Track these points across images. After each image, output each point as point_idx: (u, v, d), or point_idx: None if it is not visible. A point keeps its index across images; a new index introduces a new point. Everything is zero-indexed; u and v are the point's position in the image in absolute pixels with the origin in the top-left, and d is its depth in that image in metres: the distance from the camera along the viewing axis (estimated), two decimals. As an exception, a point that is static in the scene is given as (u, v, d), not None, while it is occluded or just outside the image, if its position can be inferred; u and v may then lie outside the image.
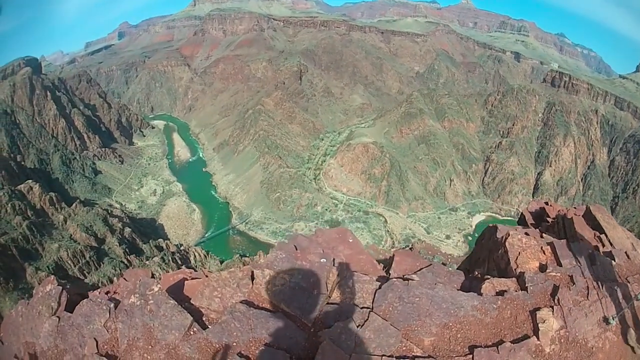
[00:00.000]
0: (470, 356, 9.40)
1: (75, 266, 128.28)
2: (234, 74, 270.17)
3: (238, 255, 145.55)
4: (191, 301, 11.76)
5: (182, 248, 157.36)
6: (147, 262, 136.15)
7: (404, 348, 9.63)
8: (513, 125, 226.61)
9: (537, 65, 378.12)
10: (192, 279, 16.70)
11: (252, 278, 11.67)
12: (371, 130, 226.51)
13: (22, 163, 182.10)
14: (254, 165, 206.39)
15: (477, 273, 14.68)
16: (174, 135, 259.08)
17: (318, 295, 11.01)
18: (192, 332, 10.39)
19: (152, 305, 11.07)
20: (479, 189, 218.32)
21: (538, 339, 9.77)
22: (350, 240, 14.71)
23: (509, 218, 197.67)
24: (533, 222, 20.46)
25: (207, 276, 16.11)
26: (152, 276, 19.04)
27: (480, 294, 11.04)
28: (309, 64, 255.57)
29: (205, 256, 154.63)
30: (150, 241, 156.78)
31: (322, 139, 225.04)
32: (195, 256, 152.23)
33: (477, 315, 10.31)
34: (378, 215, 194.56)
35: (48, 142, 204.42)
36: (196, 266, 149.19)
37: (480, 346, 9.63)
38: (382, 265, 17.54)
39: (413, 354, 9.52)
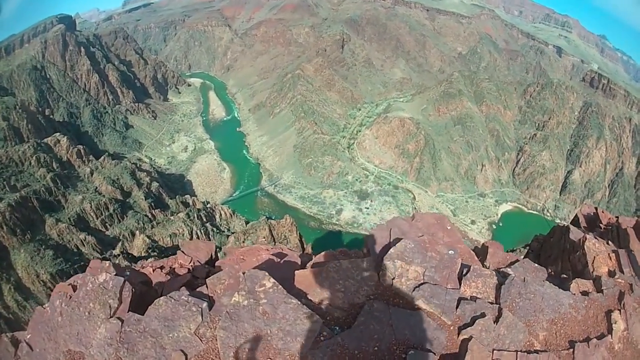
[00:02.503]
0: (572, 350, 9.84)
1: (97, 218, 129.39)
2: (275, 38, 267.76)
3: (264, 217, 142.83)
4: (308, 296, 10.00)
5: (208, 206, 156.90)
6: (171, 217, 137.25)
7: (528, 343, 9.81)
8: (549, 119, 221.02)
9: (578, 63, 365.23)
10: (278, 255, 15.15)
11: (378, 269, 10.39)
12: (409, 105, 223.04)
13: (51, 116, 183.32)
14: (288, 129, 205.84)
15: (550, 271, 14.99)
16: (210, 94, 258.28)
17: (452, 290, 10.09)
18: (321, 338, 8.70)
19: (265, 305, 9.15)
20: (509, 178, 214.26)
21: (611, 337, 10.58)
22: (449, 228, 13.97)
23: (535, 212, 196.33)
24: (586, 225, 21.66)
25: (311, 261, 13.68)
26: (217, 251, 16.64)
27: (573, 293, 11.63)
28: (352, 33, 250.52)
29: (231, 215, 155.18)
30: (177, 197, 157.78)
31: (360, 109, 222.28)
32: (221, 214, 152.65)
33: (572, 312, 10.88)
34: (407, 191, 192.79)
35: (79, 96, 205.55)
36: (221, 225, 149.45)
37: (576, 341, 10.15)
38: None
39: (535, 348, 9.74)
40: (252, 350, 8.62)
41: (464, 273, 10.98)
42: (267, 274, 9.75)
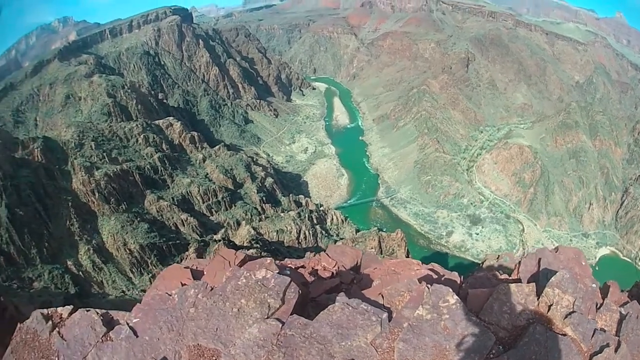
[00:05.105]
0: None
1: (203, 203, 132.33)
2: (402, 50, 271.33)
3: (376, 228, 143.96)
4: (479, 315, 10.42)
5: (321, 208, 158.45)
6: (281, 214, 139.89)
7: (630, 375, 10.64)
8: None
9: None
10: (435, 272, 15.38)
11: (538, 295, 11.05)
12: (528, 132, 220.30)
13: (165, 101, 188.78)
14: (411, 144, 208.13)
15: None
16: (335, 100, 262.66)
17: (592, 320, 10.82)
18: (491, 355, 9.12)
19: (447, 321, 9.44)
20: (612, 220, 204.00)
21: None
22: (583, 264, 14.87)
23: (628, 260, 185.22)
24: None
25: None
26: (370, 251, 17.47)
27: None
28: (476, 52, 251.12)
29: (343, 221, 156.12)
30: (290, 195, 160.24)
31: (482, 132, 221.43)
32: (332, 219, 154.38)
33: (661, 354, 11.56)
34: (517, 222, 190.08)
35: (197, 86, 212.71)
36: (330, 229, 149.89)
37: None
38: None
39: (634, 380, 10.50)
40: None
41: (597, 306, 12.11)
42: (450, 290, 10.15)
